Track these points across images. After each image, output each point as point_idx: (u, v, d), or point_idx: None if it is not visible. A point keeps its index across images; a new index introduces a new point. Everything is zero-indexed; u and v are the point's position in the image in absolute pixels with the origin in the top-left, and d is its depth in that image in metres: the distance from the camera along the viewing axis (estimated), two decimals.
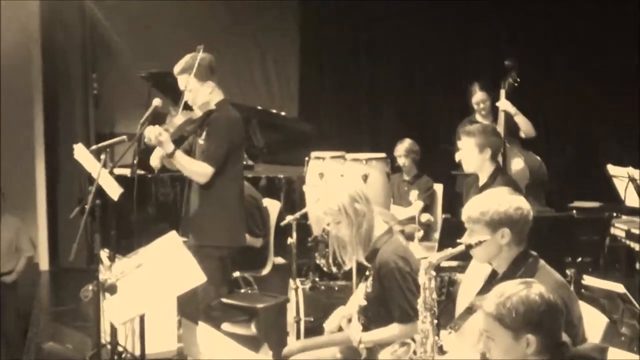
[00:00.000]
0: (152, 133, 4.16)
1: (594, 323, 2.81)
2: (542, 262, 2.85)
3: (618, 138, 7.70)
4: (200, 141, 4.38)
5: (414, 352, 2.83)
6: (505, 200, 2.90)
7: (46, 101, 7.47)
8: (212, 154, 4.28)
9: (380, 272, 3.38)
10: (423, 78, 8.24)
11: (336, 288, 4.78)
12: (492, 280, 2.91)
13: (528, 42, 7.85)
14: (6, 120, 7.10)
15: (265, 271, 5.37)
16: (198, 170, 4.30)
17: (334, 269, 4.82)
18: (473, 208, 2.93)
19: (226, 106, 4.43)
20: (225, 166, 4.31)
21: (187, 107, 4.47)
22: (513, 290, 2.22)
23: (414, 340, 2.86)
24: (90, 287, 6.14)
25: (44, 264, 7.47)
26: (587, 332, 2.70)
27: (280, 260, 5.69)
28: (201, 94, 4.34)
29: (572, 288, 3.27)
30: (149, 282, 3.15)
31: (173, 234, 3.48)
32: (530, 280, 2.28)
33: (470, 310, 2.88)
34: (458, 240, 3.82)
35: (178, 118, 4.35)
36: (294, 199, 6.16)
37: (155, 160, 4.44)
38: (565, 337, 2.23)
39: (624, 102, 7.47)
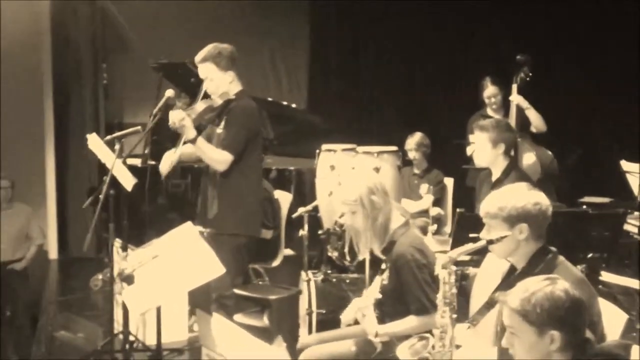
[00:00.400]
0: (176, 117, 4.21)
1: (613, 319, 2.81)
2: (561, 258, 2.85)
3: (618, 137, 7.66)
4: (219, 130, 4.43)
5: (432, 347, 2.83)
6: (524, 196, 2.89)
7: (56, 90, 7.46)
8: (231, 141, 4.33)
9: (396, 264, 3.38)
10: (431, 74, 8.21)
11: (347, 280, 4.80)
12: (511, 275, 2.92)
13: (528, 41, 7.80)
14: (16, 109, 7.10)
15: (276, 263, 5.36)
16: (218, 157, 4.34)
17: (347, 262, 4.84)
18: (491, 203, 2.92)
19: (245, 96, 4.48)
20: (243, 155, 4.36)
21: (205, 97, 4.50)
22: (538, 286, 2.22)
23: (432, 334, 2.86)
24: (100, 277, 6.21)
25: (52, 252, 7.48)
26: (606, 328, 2.70)
27: (288, 251, 5.70)
28: (221, 84, 4.39)
29: None
30: (168, 274, 3.15)
31: (189, 225, 3.49)
32: (555, 277, 2.28)
33: (488, 306, 2.88)
34: (472, 235, 3.82)
35: (199, 105, 4.41)
36: (304, 191, 6.15)
37: (165, 166, 4.47)
38: (589, 334, 2.23)
39: (624, 102, 7.46)
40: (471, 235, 3.77)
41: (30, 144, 7.32)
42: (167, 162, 4.46)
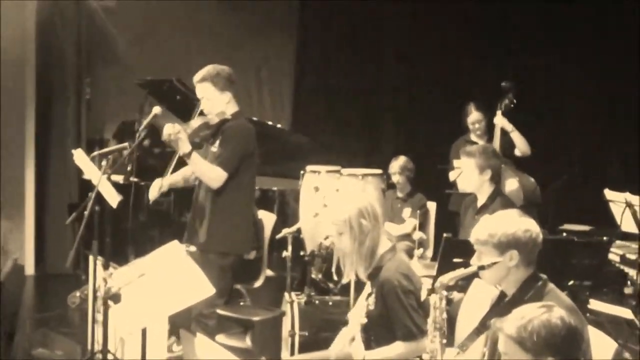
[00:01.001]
0: (171, 130, 4.18)
1: (601, 348, 2.81)
2: (551, 285, 2.86)
3: (602, 164, 7.70)
4: (213, 149, 4.44)
5: None
6: (514, 223, 2.89)
7: (38, 104, 7.39)
8: (226, 159, 4.35)
9: (383, 289, 3.36)
10: (416, 97, 8.23)
11: (330, 303, 4.77)
12: (501, 302, 2.92)
13: (532, 56, 7.83)
14: None
15: (258, 283, 5.33)
16: (212, 175, 4.35)
17: (331, 284, 4.81)
18: (481, 230, 2.92)
19: (241, 117, 4.53)
20: (237, 174, 4.37)
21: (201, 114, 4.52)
22: (534, 313, 2.22)
23: (421, 359, 2.85)
24: (78, 294, 6.13)
25: (29, 268, 7.37)
26: (595, 356, 2.70)
27: (269, 272, 5.67)
28: (218, 103, 4.42)
29: None
30: (155, 294, 3.11)
31: (175, 244, 3.45)
32: (551, 304, 2.28)
33: (478, 331, 2.88)
34: (456, 260, 3.80)
35: (195, 121, 4.41)
36: (287, 212, 6.13)
37: (153, 192, 4.47)
38: None
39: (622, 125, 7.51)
40: (456, 260, 3.77)
41: (9, 157, 7.22)
42: (156, 188, 4.46)
